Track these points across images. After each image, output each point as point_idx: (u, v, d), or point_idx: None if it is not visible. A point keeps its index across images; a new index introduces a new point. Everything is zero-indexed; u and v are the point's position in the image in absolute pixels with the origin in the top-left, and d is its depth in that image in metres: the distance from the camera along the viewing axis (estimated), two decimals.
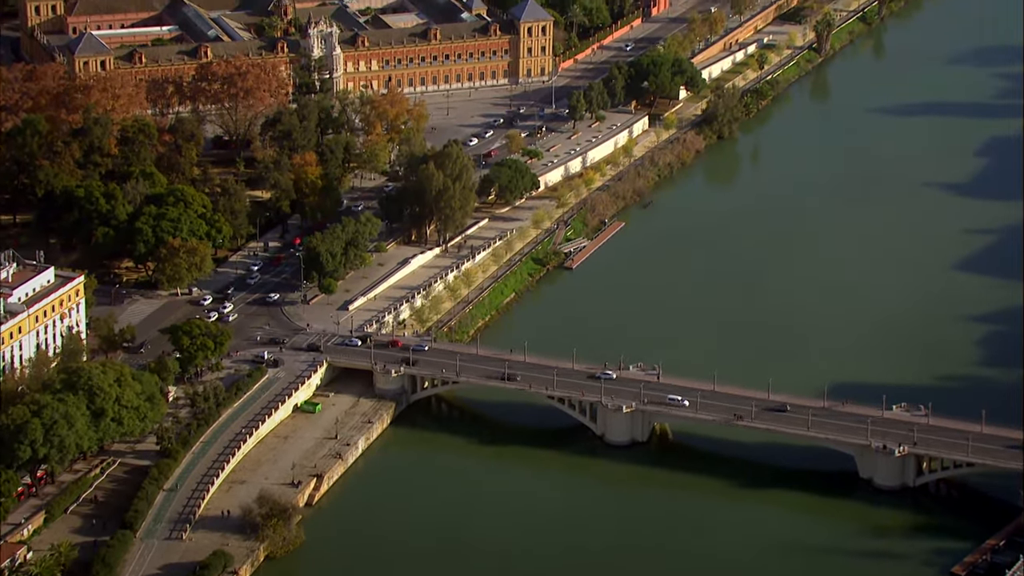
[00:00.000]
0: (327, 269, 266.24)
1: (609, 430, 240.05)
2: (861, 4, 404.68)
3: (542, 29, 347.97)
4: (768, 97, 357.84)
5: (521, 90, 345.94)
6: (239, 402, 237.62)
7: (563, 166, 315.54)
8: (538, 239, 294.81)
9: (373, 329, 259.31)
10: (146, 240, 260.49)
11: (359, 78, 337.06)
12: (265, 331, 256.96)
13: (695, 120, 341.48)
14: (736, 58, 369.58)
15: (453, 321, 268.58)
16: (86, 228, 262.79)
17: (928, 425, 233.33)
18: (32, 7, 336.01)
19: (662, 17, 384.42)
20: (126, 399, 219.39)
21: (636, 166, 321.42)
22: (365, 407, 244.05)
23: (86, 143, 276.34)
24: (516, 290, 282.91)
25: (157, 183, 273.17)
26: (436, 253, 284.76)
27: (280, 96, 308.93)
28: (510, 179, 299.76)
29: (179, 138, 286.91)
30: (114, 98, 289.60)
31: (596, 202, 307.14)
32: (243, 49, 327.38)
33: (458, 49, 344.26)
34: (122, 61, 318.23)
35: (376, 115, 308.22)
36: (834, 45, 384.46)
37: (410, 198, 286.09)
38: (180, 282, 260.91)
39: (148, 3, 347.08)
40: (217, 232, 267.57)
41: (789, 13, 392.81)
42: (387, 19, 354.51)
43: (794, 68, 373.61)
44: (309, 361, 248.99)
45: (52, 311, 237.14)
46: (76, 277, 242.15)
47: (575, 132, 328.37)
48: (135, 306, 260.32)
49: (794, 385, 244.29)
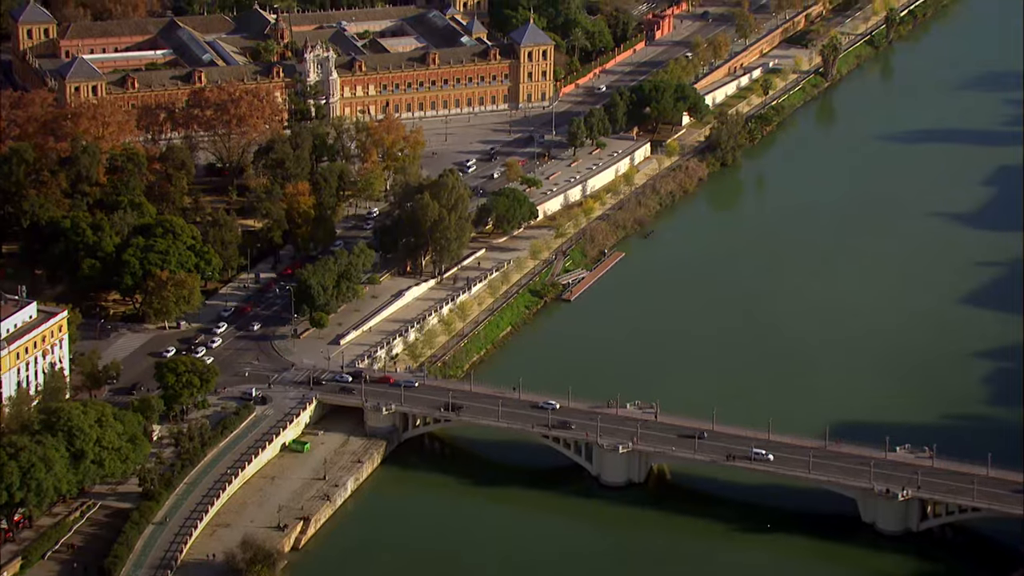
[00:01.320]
0: (318, 302, 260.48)
1: (605, 470, 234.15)
2: (869, 27, 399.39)
3: (543, 53, 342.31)
4: (773, 123, 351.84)
5: (521, 115, 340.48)
6: (225, 441, 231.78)
7: (562, 194, 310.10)
8: (536, 270, 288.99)
9: (365, 365, 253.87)
10: (133, 272, 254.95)
11: (356, 103, 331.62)
12: (254, 366, 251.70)
13: (698, 147, 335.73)
14: (741, 83, 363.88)
15: (447, 356, 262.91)
16: (72, 260, 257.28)
17: (933, 468, 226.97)
18: (24, 30, 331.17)
19: (666, 40, 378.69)
20: (107, 440, 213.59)
21: (637, 194, 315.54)
22: (355, 446, 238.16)
23: (73, 172, 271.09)
24: (512, 323, 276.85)
25: (146, 213, 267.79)
26: (431, 285, 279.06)
27: (274, 123, 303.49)
28: (508, 208, 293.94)
29: (169, 167, 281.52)
30: (103, 126, 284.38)
31: (596, 232, 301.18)
32: (237, 74, 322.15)
33: (457, 74, 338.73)
34: (114, 86, 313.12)
35: (372, 142, 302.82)
36: (841, 69, 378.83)
37: (405, 228, 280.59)
38: (168, 316, 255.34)
39: (142, 26, 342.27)
40: (206, 264, 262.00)
41: (795, 37, 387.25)
42: (385, 43, 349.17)
43: (800, 93, 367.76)
44: (298, 398, 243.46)
45: (34, 347, 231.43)
46: (59, 312, 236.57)
47: (575, 159, 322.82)
48: (121, 340, 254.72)
49: (795, 423, 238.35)
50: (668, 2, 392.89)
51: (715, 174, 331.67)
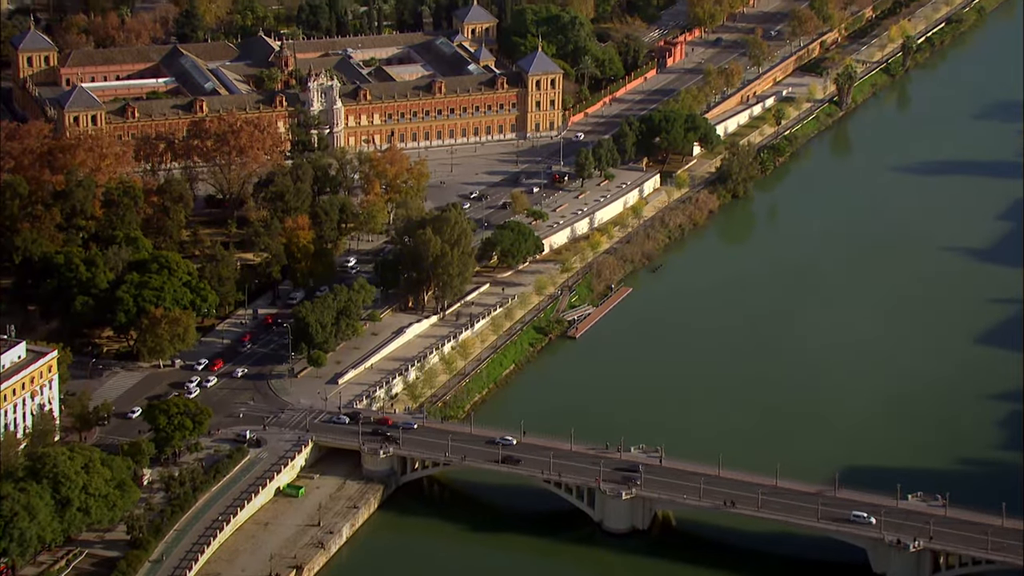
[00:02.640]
0: (316, 340, 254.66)
1: (608, 517, 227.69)
2: (885, 55, 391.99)
3: (551, 82, 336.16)
4: (785, 154, 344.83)
5: (529, 145, 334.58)
6: (217, 486, 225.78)
7: (569, 227, 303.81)
8: (540, 306, 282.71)
9: (363, 405, 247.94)
10: (127, 310, 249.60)
11: (360, 132, 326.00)
12: (249, 407, 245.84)
13: (709, 178, 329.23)
14: (753, 112, 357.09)
15: (448, 396, 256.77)
16: (65, 297, 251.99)
17: (945, 517, 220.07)
18: (24, 58, 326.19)
19: (678, 68, 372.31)
20: (94, 487, 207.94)
21: (645, 227, 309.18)
22: (351, 490, 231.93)
23: (68, 206, 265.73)
24: (516, 361, 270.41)
25: (141, 248, 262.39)
26: (433, 322, 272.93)
27: (275, 154, 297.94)
28: (512, 242, 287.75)
29: (167, 200, 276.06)
30: (100, 158, 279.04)
31: (602, 266, 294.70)
32: (240, 103, 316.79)
33: (464, 103, 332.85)
34: (114, 115, 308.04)
35: (375, 174, 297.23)
36: (856, 98, 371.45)
37: (407, 263, 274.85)
38: (162, 354, 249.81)
39: (145, 54, 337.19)
40: (202, 301, 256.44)
41: (810, 64, 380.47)
42: (392, 70, 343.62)
43: (813, 123, 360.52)
44: (294, 440, 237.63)
45: (22, 389, 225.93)
46: (49, 352, 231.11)
47: (582, 191, 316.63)
48: (114, 379, 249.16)
49: (804, 468, 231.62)
50: (680, 29, 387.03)
51: (726, 206, 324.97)
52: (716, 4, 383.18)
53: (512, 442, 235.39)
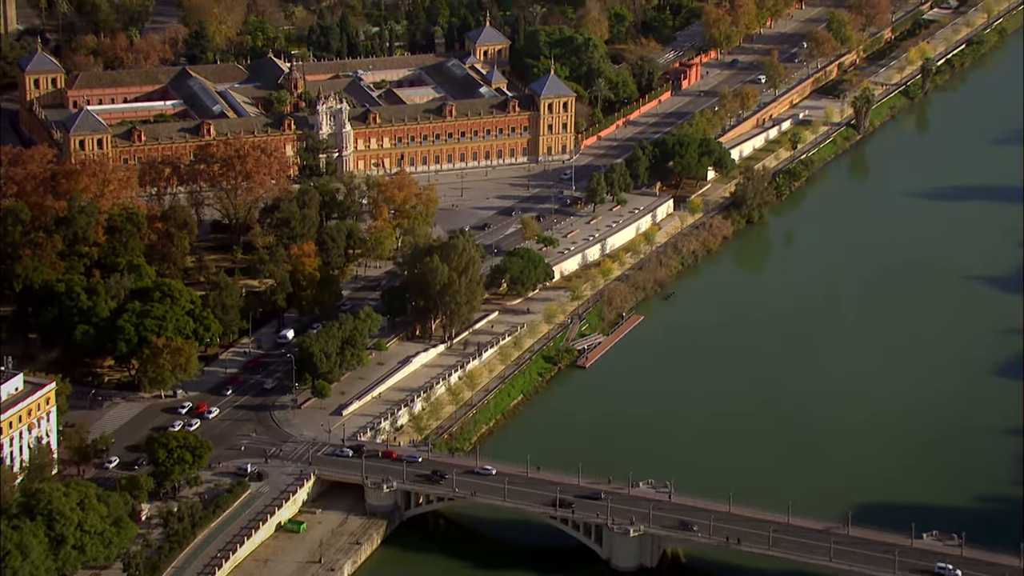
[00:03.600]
0: (321, 371, 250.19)
1: (615, 554, 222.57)
2: (904, 77, 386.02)
3: (563, 105, 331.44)
4: (801, 178, 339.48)
5: (540, 169, 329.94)
6: (217, 521, 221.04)
7: (580, 254, 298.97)
8: (550, 335, 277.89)
9: (367, 437, 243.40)
10: (128, 339, 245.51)
11: (370, 156, 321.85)
12: (252, 439, 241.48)
13: (723, 203, 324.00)
14: (769, 135, 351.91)
15: (454, 427, 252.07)
16: (66, 326, 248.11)
17: (962, 557, 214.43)
18: (31, 80, 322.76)
19: (693, 90, 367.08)
20: (89, 524, 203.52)
21: (658, 254, 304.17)
22: (354, 525, 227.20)
23: (70, 233, 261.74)
24: (524, 391, 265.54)
25: (144, 275, 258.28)
26: (440, 351, 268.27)
27: (282, 179, 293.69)
28: (522, 270, 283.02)
29: (171, 226, 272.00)
30: (104, 183, 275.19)
31: (613, 294, 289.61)
32: (247, 126, 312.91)
33: (474, 126, 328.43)
34: (120, 139, 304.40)
35: (383, 199, 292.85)
36: (874, 121, 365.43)
37: (414, 291, 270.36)
38: (163, 384, 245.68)
39: (153, 76, 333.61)
40: (205, 330, 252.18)
41: (827, 87, 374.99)
42: (403, 92, 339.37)
43: (830, 146, 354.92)
44: (296, 474, 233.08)
45: (19, 422, 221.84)
46: (47, 383, 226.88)
47: (594, 216, 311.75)
48: (114, 410, 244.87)
49: (817, 504, 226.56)
50: (696, 50, 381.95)
51: (740, 232, 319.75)
52: (732, 25, 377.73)
53: (491, 472, 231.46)
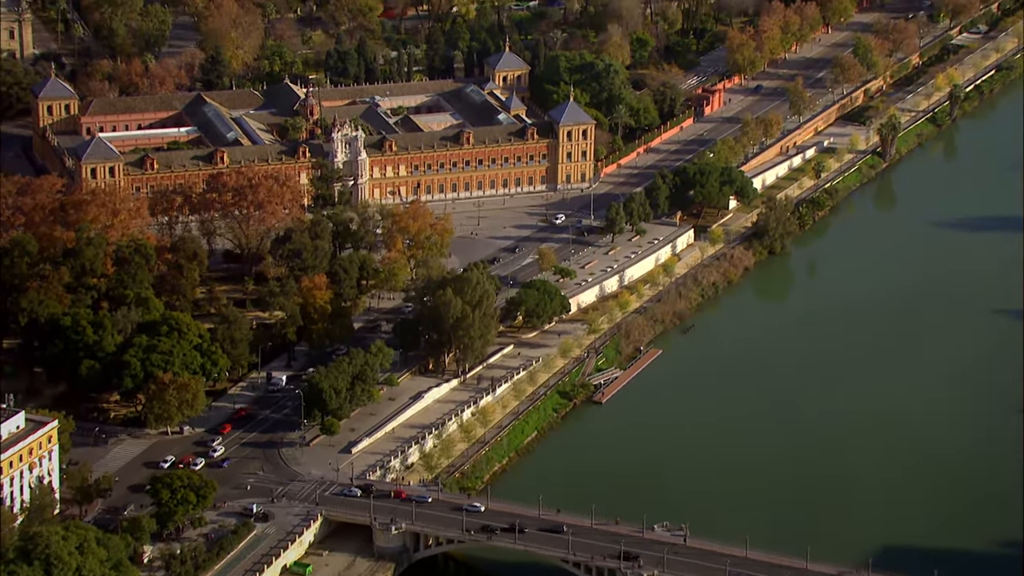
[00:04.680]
0: (330, 407, 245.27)
1: None
2: (931, 104, 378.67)
3: (583, 133, 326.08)
4: (825, 207, 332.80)
5: (559, 197, 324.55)
6: (221, 564, 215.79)
7: (598, 285, 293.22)
8: (566, 369, 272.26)
9: (377, 476, 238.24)
10: (134, 375, 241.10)
11: (386, 184, 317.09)
12: (258, 477, 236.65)
13: (744, 234, 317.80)
14: (793, 163, 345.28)
15: (466, 465, 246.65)
16: (71, 360, 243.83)
17: None
18: (44, 106, 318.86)
19: (716, 117, 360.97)
20: (88, 568, 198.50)
21: (677, 285, 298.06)
22: (361, 568, 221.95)
23: (77, 265, 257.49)
24: (538, 428, 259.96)
25: (152, 308, 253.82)
26: (453, 386, 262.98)
27: (294, 209, 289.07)
28: (538, 302, 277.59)
29: (181, 257, 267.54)
30: (113, 213, 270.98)
31: (631, 327, 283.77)
32: (262, 154, 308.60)
33: (492, 154, 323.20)
34: (132, 167, 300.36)
35: (397, 229, 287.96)
36: (900, 149, 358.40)
37: (427, 325, 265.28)
38: (170, 421, 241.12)
39: (168, 102, 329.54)
40: (212, 365, 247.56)
41: (853, 113, 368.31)
42: (420, 119, 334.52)
43: (855, 175, 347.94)
44: (302, 514, 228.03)
45: (20, 461, 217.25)
46: (49, 421, 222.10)
47: (613, 247, 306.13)
48: (120, 447, 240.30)
49: (837, 548, 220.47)
50: (719, 76, 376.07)
51: (762, 263, 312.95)
52: (756, 51, 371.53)
53: (480, 509, 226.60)
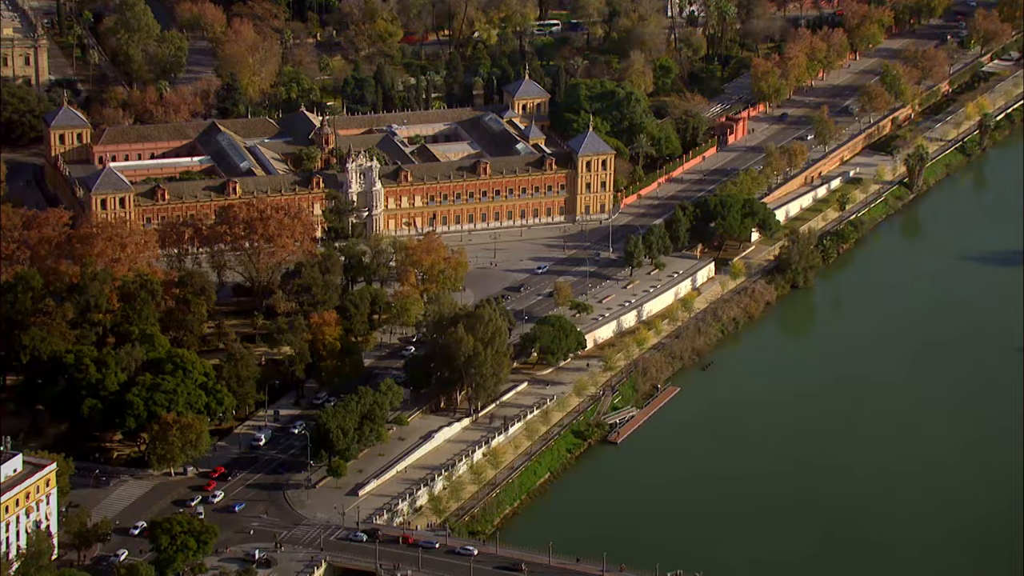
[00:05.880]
0: (338, 448, 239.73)
1: None
2: (960, 133, 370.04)
3: (602, 163, 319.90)
4: (850, 240, 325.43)
5: (578, 229, 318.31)
6: None
7: (615, 320, 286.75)
8: (581, 407, 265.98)
9: (384, 520, 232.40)
10: (137, 414, 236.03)
11: (401, 215, 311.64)
12: (262, 521, 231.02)
13: (766, 267, 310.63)
14: (817, 194, 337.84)
15: (476, 509, 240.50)
16: (74, 399, 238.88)
17: None
18: (56, 135, 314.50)
19: (739, 146, 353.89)
20: None
21: (696, 321, 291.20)
22: None
23: (82, 301, 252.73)
24: (551, 470, 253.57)
25: (158, 345, 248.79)
26: (465, 424, 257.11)
27: (305, 242, 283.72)
28: (553, 339, 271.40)
29: (188, 292, 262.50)
30: (121, 247, 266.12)
31: (649, 364, 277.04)
32: (275, 184, 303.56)
33: (510, 184, 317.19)
34: (143, 198, 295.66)
35: (410, 263, 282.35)
36: (928, 180, 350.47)
37: (438, 362, 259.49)
38: (173, 462, 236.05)
39: (182, 131, 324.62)
40: (217, 404, 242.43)
41: (880, 143, 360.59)
42: (437, 148, 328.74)
43: (881, 206, 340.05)
44: (306, 560, 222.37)
45: (16, 505, 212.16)
46: (47, 464, 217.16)
47: (631, 280, 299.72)
48: (122, 488, 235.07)
49: None
50: (744, 104, 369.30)
51: (784, 298, 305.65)
52: (782, 78, 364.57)
53: (473, 552, 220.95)
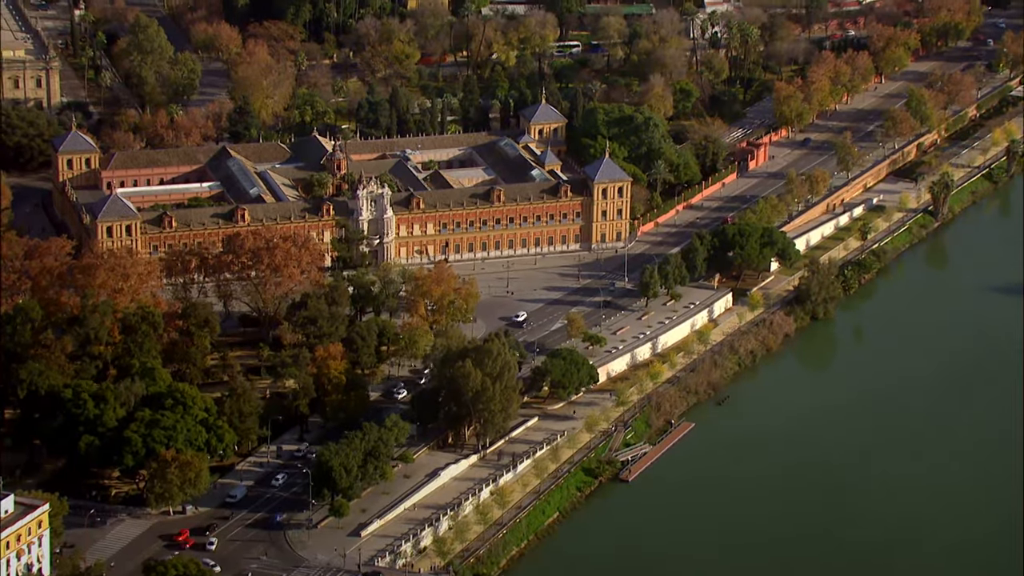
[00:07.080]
0: (340, 486, 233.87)
1: None
2: (987, 159, 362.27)
3: (618, 190, 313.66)
4: (872, 270, 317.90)
5: (593, 257, 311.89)
6: None
7: (629, 353, 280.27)
8: (592, 444, 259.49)
9: (386, 562, 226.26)
10: (135, 451, 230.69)
11: (413, 243, 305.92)
12: (261, 563, 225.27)
13: (785, 298, 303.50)
14: (839, 222, 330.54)
15: (481, 550, 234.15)
16: (71, 435, 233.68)
17: None
18: (64, 160, 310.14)
19: (760, 172, 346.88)
20: None
21: (713, 353, 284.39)
22: None
23: (82, 334, 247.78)
24: (561, 509, 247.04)
25: (158, 380, 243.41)
26: (472, 461, 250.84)
27: (312, 272, 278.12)
28: (564, 372, 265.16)
29: (191, 324, 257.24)
30: (123, 278, 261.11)
31: (662, 398, 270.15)
32: (284, 212, 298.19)
33: (524, 212, 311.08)
34: (150, 225, 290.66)
35: (419, 293, 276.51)
36: (953, 207, 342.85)
37: (446, 397, 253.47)
38: (171, 500, 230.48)
39: (192, 155, 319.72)
40: (218, 440, 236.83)
41: (904, 169, 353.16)
42: (451, 174, 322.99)
43: (905, 235, 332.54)
44: None
45: (7, 548, 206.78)
46: (40, 505, 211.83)
47: (647, 311, 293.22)
48: (119, 528, 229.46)
49: None
50: (765, 128, 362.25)
51: (804, 329, 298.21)
52: (804, 102, 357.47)
53: None
